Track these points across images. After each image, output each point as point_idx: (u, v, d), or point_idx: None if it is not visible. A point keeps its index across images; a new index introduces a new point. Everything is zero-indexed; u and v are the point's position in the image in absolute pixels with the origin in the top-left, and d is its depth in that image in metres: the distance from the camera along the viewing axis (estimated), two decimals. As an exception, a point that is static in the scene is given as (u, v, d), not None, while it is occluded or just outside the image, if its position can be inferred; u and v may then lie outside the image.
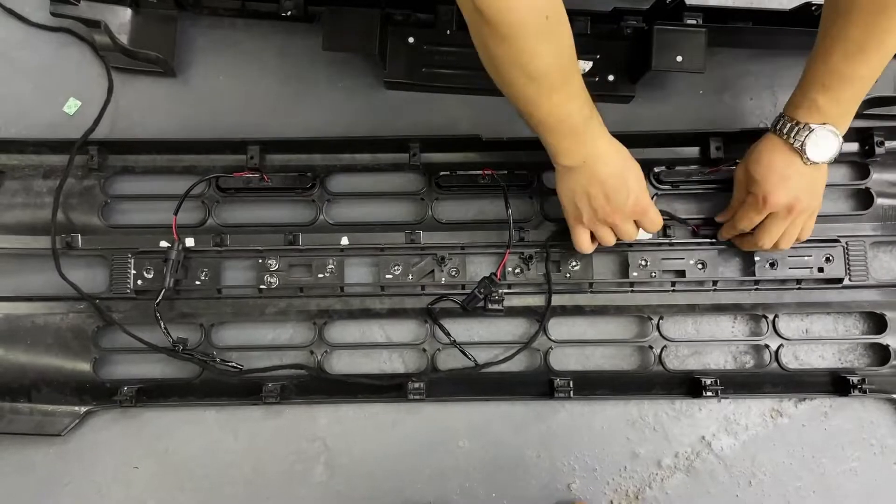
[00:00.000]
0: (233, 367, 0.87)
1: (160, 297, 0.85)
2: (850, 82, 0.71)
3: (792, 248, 0.87)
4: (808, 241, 0.87)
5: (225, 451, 0.90)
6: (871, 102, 0.91)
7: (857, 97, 0.73)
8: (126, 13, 0.89)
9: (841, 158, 0.90)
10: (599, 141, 0.76)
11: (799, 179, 0.77)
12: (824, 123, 0.73)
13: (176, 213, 0.87)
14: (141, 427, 0.90)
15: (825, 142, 0.74)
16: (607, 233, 0.81)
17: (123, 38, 0.90)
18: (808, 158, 0.75)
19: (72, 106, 0.95)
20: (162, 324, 0.85)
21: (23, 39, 0.96)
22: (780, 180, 0.77)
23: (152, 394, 0.89)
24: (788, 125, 0.75)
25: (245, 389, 0.89)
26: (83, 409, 0.88)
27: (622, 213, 0.78)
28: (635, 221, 0.80)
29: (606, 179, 0.76)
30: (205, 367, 0.86)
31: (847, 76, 0.70)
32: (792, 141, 0.75)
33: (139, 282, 0.88)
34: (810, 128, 0.73)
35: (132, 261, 0.89)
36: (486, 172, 0.88)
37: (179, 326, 0.90)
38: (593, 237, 0.82)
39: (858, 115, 0.90)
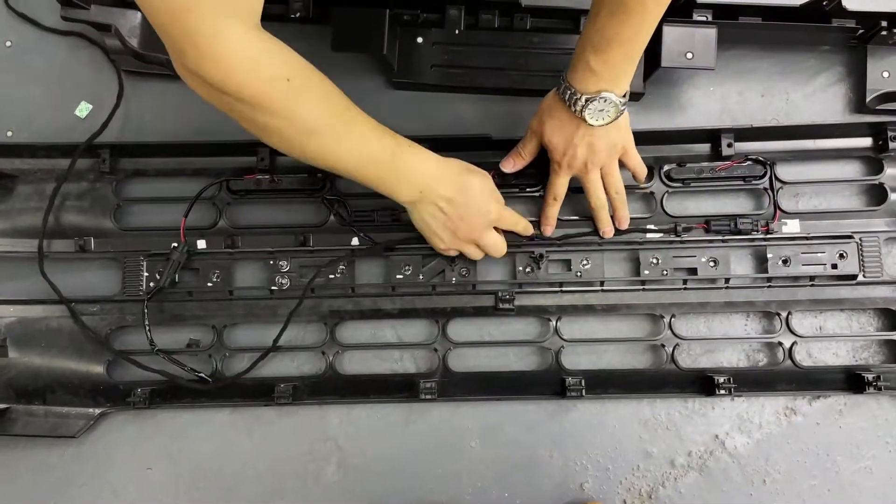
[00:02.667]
0: (201, 377, 0.88)
1: (150, 295, 0.86)
2: (617, 43, 0.71)
3: (805, 244, 0.87)
4: (822, 237, 0.87)
5: (238, 451, 0.90)
6: (883, 97, 0.91)
7: (628, 59, 0.73)
8: (136, 16, 0.90)
9: (854, 154, 0.90)
10: (424, 166, 0.76)
11: (588, 140, 0.78)
12: (599, 91, 0.73)
13: (185, 216, 0.88)
14: (155, 428, 0.91)
15: (602, 109, 0.75)
16: (473, 250, 0.82)
17: (134, 42, 0.90)
18: (588, 125, 0.76)
19: (83, 109, 0.96)
20: (146, 323, 0.86)
21: (34, 44, 0.97)
22: (568, 146, 0.79)
23: (165, 395, 0.89)
24: (568, 92, 0.75)
25: (257, 390, 0.89)
26: (97, 410, 0.89)
27: (479, 228, 0.80)
28: (497, 229, 0.82)
29: (451, 200, 0.77)
30: (167, 376, 0.86)
31: (613, 37, 0.70)
32: (573, 108, 0.75)
33: (151, 284, 0.89)
34: (586, 97, 0.74)
35: (144, 263, 0.89)
36: (494, 174, 0.87)
37: (192, 328, 0.91)
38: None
39: (871, 111, 0.91)
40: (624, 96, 0.75)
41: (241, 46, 0.60)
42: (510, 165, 0.86)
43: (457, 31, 0.91)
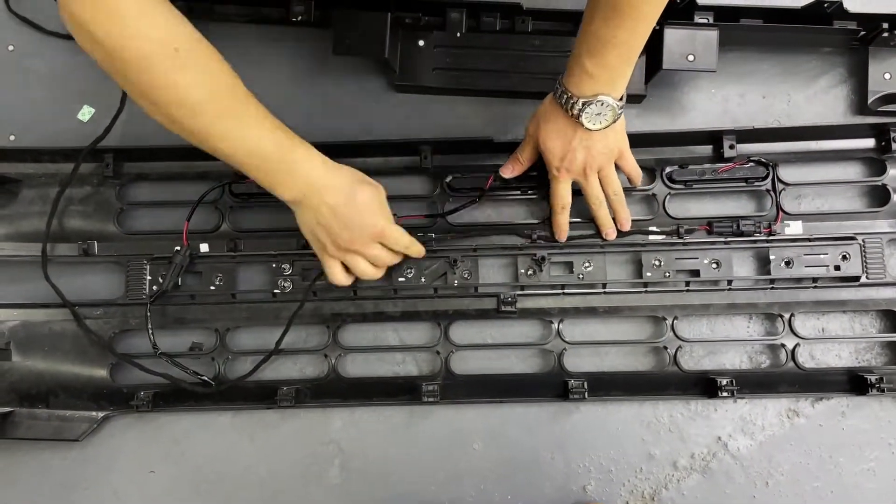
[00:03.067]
0: (203, 380, 0.88)
1: (153, 298, 0.87)
2: (612, 46, 0.71)
3: (808, 246, 0.87)
4: (825, 238, 0.87)
5: (240, 454, 0.90)
6: (885, 99, 0.91)
7: (624, 62, 0.73)
8: (138, 21, 0.90)
9: (857, 155, 0.90)
10: (311, 168, 0.74)
11: (586, 145, 0.78)
12: (596, 94, 0.73)
13: (188, 220, 0.88)
14: (157, 431, 0.91)
15: (600, 112, 0.75)
16: (359, 262, 0.79)
17: (136, 46, 0.90)
18: (586, 129, 0.76)
19: (86, 113, 0.96)
20: (149, 326, 0.86)
21: (36, 47, 0.98)
22: (566, 151, 0.78)
23: (168, 398, 0.90)
24: (565, 96, 0.75)
25: (260, 393, 0.89)
26: (100, 414, 0.89)
27: (361, 241, 0.77)
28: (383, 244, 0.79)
29: (336, 209, 0.74)
30: (170, 379, 0.87)
31: (608, 40, 0.70)
32: (570, 113, 0.75)
33: (154, 287, 0.89)
34: (583, 101, 0.74)
35: (148, 267, 0.90)
36: (492, 177, 0.88)
37: (195, 331, 0.91)
38: (348, 269, 0.81)
39: (874, 113, 0.91)
40: (621, 99, 0.75)
41: (137, 5, 0.60)
42: (509, 171, 0.86)
43: (458, 34, 0.91)
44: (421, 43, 0.92)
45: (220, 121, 0.68)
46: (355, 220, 0.76)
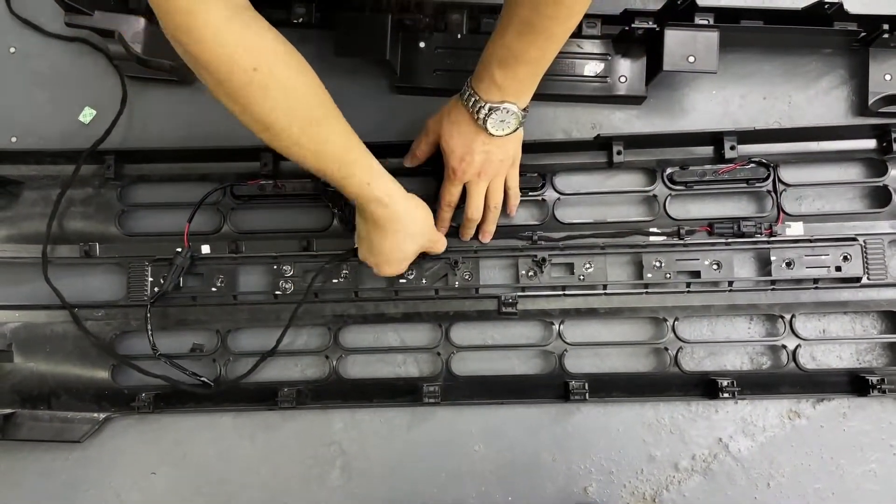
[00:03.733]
0: (203, 381, 0.88)
1: (154, 299, 0.87)
2: (524, 61, 0.72)
3: (809, 247, 0.87)
4: (826, 239, 0.87)
5: (242, 455, 0.90)
6: (886, 100, 0.91)
7: (533, 75, 0.74)
8: (140, 23, 0.90)
9: (857, 156, 0.90)
10: (386, 187, 0.76)
11: (486, 149, 0.79)
12: (503, 101, 0.74)
13: (189, 221, 0.88)
14: (158, 433, 0.91)
15: (504, 118, 0.76)
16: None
17: (138, 48, 0.90)
18: (490, 134, 0.77)
19: (87, 115, 0.96)
20: (149, 328, 0.86)
21: (38, 49, 0.98)
22: (466, 153, 0.79)
23: (170, 400, 0.90)
24: (473, 99, 0.76)
25: (261, 394, 0.89)
26: (102, 415, 0.89)
27: (382, 266, 0.82)
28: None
29: (384, 233, 0.78)
30: (174, 383, 0.87)
31: (520, 55, 0.71)
32: (475, 116, 0.76)
33: (156, 289, 0.89)
34: (490, 106, 0.74)
35: (149, 268, 0.90)
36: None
37: (196, 333, 0.91)
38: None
39: (874, 114, 0.91)
40: (525, 109, 0.76)
41: (215, 26, 0.60)
42: (408, 162, 0.88)
43: (459, 36, 0.91)
44: (422, 45, 0.92)
45: (294, 146, 0.69)
46: (385, 254, 0.80)
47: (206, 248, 0.90)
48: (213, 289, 0.89)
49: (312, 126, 0.68)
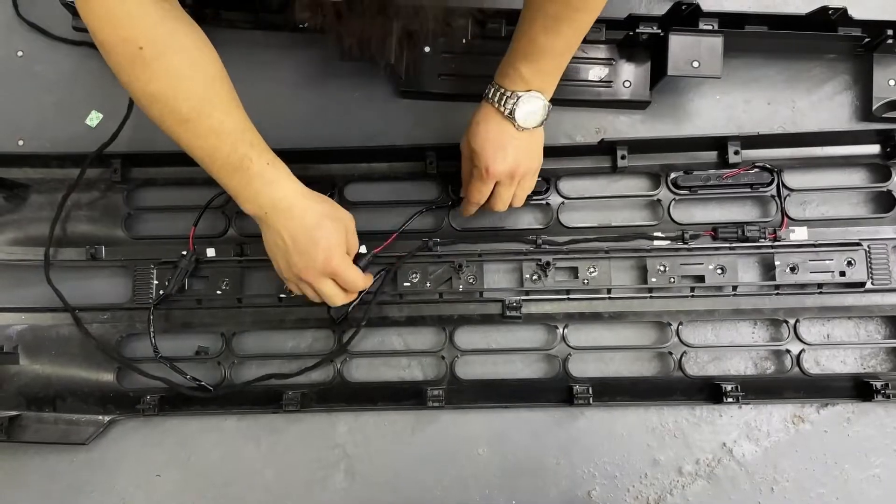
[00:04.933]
0: (201, 385, 0.88)
1: (157, 302, 0.87)
2: (550, 54, 0.73)
3: (813, 251, 0.87)
4: (830, 244, 0.88)
5: (246, 458, 0.91)
6: (890, 105, 0.91)
7: (558, 68, 0.76)
8: (146, 27, 0.90)
9: (861, 161, 0.90)
10: (279, 191, 0.72)
11: (516, 145, 0.78)
12: (529, 90, 0.75)
13: (195, 224, 0.88)
14: (163, 435, 0.91)
15: (532, 108, 0.76)
16: (306, 289, 0.77)
17: (144, 52, 0.91)
18: (518, 125, 0.76)
19: (94, 118, 0.96)
20: (152, 330, 0.86)
21: (45, 53, 0.98)
22: (498, 150, 0.78)
23: (175, 402, 0.90)
24: (498, 93, 0.76)
25: (266, 397, 0.90)
26: (107, 418, 0.89)
27: (314, 274, 0.75)
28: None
29: (294, 238, 0.73)
30: (174, 386, 0.87)
31: (546, 48, 0.72)
32: (502, 109, 0.76)
33: (161, 292, 0.89)
34: (517, 95, 0.75)
35: (155, 271, 0.90)
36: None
37: (201, 335, 0.91)
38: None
39: (878, 119, 0.91)
40: (550, 101, 0.77)
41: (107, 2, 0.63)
42: (466, 212, 0.86)
43: (464, 41, 0.91)
44: (427, 49, 0.92)
45: (180, 125, 0.69)
46: (310, 253, 0.73)
47: (211, 252, 0.90)
48: (218, 292, 0.90)
49: (205, 106, 0.69)
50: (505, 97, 0.76)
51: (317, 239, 0.73)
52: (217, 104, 0.70)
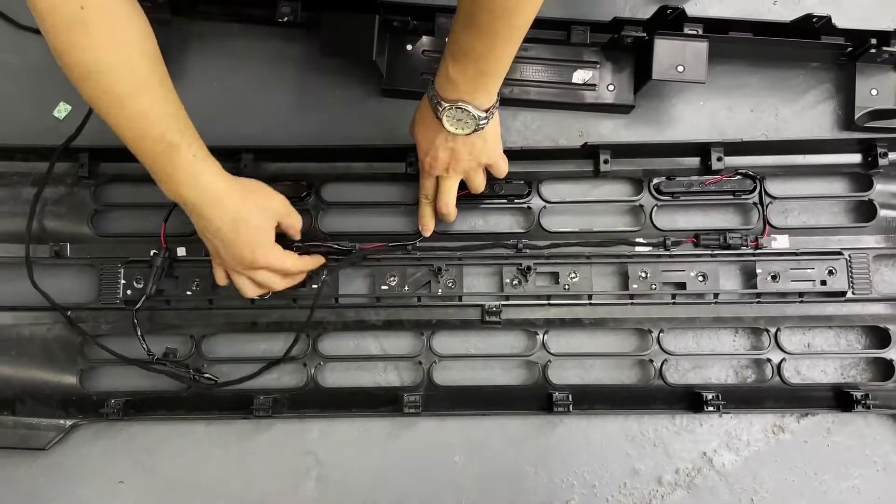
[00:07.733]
0: (208, 378, 0.86)
1: (139, 304, 0.84)
2: (471, 56, 0.70)
3: (794, 260, 0.87)
4: (812, 253, 0.87)
5: (214, 465, 0.88)
6: (872, 115, 0.91)
7: (482, 74, 0.71)
8: (118, 17, 0.87)
9: (843, 170, 0.90)
10: (203, 181, 0.71)
11: (449, 147, 0.77)
12: (458, 100, 0.73)
13: (165, 220, 0.86)
14: (128, 441, 0.88)
15: (461, 118, 0.74)
16: (241, 281, 0.79)
17: (115, 43, 0.88)
18: (448, 131, 0.75)
19: (62, 110, 0.93)
20: (139, 332, 0.83)
21: (11, 42, 0.95)
22: (430, 147, 0.78)
23: (140, 407, 0.87)
24: (432, 94, 0.75)
25: (235, 403, 0.87)
26: (69, 422, 0.86)
27: (238, 267, 0.77)
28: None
29: (219, 228, 0.73)
30: (179, 379, 0.85)
31: (468, 50, 0.69)
32: (435, 113, 0.75)
33: (129, 291, 0.86)
34: (443, 105, 0.73)
35: (122, 270, 0.87)
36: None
37: (170, 337, 0.88)
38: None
39: (860, 128, 0.91)
40: (487, 110, 0.74)
41: None
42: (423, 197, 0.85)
43: (446, 39, 0.89)
44: (409, 47, 0.90)
45: (108, 100, 0.65)
46: (236, 245, 0.74)
47: (181, 251, 0.87)
48: (189, 293, 0.87)
49: (143, 84, 0.66)
50: (435, 102, 0.74)
51: (240, 234, 0.73)
52: (154, 84, 0.67)
